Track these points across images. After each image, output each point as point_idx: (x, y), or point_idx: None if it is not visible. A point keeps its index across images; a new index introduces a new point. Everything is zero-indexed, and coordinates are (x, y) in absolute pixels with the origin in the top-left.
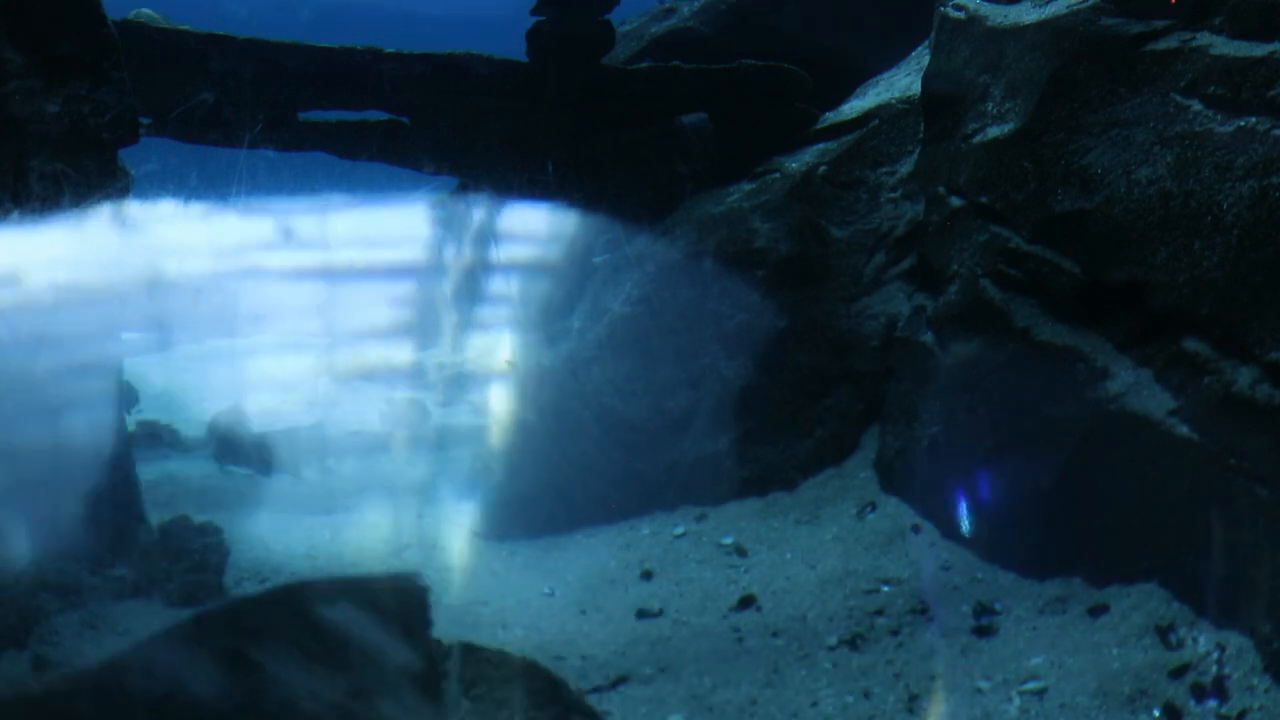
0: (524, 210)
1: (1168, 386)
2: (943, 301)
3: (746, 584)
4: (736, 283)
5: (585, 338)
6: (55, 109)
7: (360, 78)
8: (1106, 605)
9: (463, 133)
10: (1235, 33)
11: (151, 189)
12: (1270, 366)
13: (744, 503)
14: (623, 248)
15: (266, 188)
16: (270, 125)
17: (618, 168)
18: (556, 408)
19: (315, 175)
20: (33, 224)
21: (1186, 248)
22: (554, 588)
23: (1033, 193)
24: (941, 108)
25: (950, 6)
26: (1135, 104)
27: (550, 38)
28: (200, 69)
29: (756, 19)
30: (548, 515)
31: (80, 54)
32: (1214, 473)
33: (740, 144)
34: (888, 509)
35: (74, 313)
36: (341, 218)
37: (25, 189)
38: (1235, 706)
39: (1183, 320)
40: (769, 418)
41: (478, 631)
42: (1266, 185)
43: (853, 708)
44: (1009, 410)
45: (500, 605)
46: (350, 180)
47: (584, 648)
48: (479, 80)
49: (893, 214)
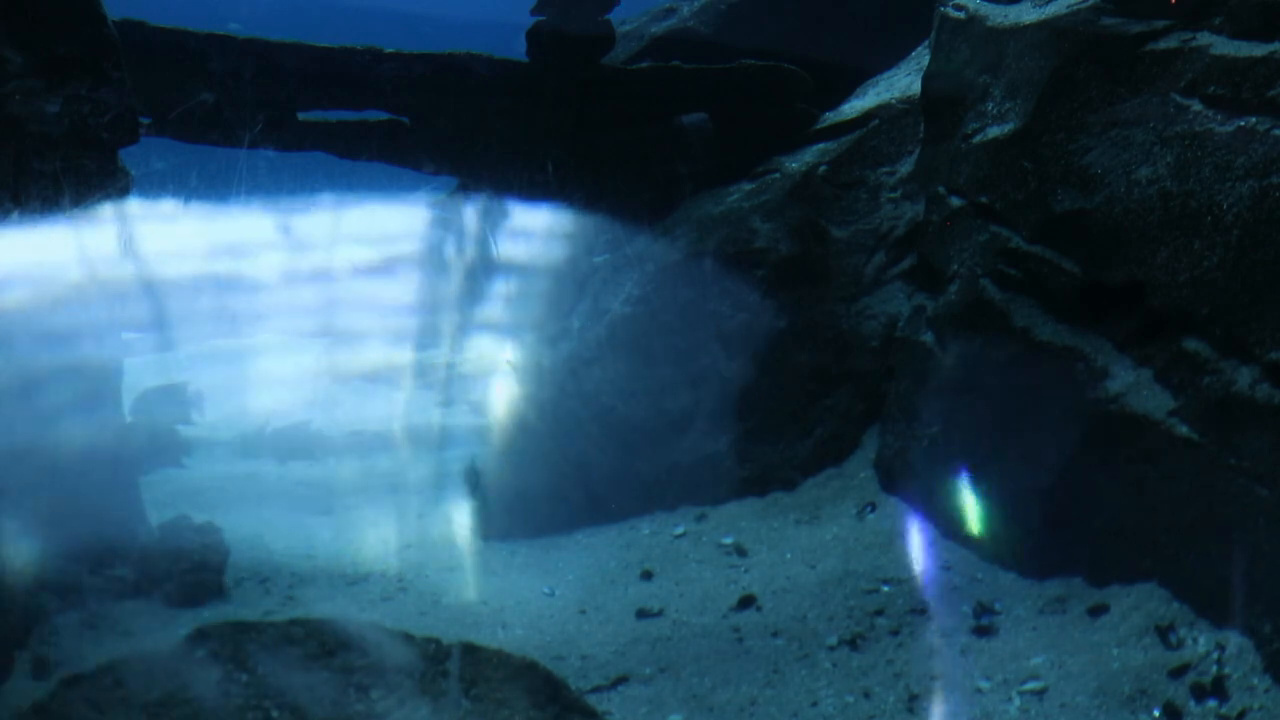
0: (524, 210)
1: (1168, 386)
2: (943, 301)
3: (746, 584)
4: (736, 283)
5: (585, 338)
6: (55, 109)
7: (360, 78)
8: (1106, 605)
9: (463, 133)
10: (1235, 33)
11: (152, 189)
12: (1270, 366)
13: (744, 503)
14: (623, 248)
15: (266, 188)
16: (270, 125)
17: (618, 168)
18: (556, 408)
19: (315, 175)
20: (33, 224)
21: (1186, 248)
22: (554, 588)
23: (1033, 193)
24: (941, 108)
25: (950, 6)
26: (1135, 104)
27: (550, 37)
28: (200, 69)
29: (756, 19)
30: (548, 515)
31: (80, 54)
32: (1214, 473)
33: (740, 144)
34: (888, 509)
35: (74, 313)
36: (341, 218)
37: (25, 189)
38: (1235, 706)
39: (1183, 320)
40: (769, 418)
41: (478, 631)
42: (1266, 185)
43: (853, 708)
44: (1009, 410)
45: (500, 605)
46: (350, 180)
47: (584, 647)
48: (479, 80)
49: (893, 214)
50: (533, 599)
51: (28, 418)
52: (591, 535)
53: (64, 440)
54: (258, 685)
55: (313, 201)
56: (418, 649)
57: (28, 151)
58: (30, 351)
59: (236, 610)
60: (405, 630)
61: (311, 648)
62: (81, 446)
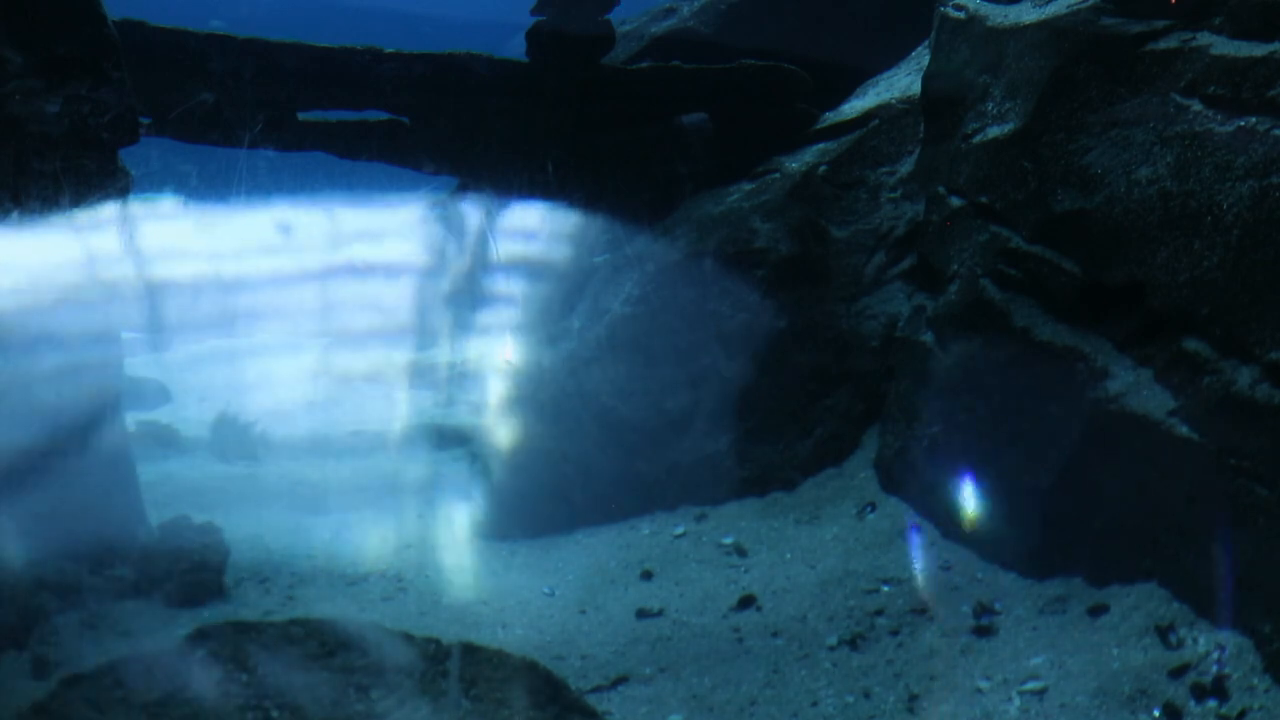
0: (524, 210)
1: (1168, 386)
2: (943, 301)
3: (746, 584)
4: (736, 283)
5: (585, 338)
6: (55, 109)
7: (360, 78)
8: (1106, 605)
9: (463, 133)
10: (1235, 33)
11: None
12: (1270, 366)
13: (744, 503)
14: (623, 248)
15: (266, 188)
16: (270, 125)
17: (618, 168)
18: (556, 408)
19: (315, 175)
20: (33, 224)
21: (1186, 248)
22: (554, 587)
23: (1033, 193)
24: (941, 108)
25: (950, 6)
26: (1135, 104)
27: (550, 37)
28: (200, 69)
29: (756, 19)
30: (548, 515)
31: (80, 54)
32: (1214, 473)
33: (740, 144)
34: (888, 509)
35: (74, 312)
36: (341, 218)
37: (25, 189)
38: (1235, 706)
39: (1183, 320)
40: (769, 418)
41: (478, 631)
42: (1266, 185)
43: (853, 708)
44: (1009, 410)
45: (500, 605)
46: (350, 180)
47: (584, 647)
48: (479, 80)
49: (893, 214)
50: (533, 599)
51: (28, 417)
52: (591, 535)
53: (64, 440)
54: (258, 685)
55: (313, 201)
56: (418, 649)
57: (28, 151)
58: (30, 351)
59: (236, 610)
60: (405, 630)
61: (311, 648)
62: (81, 446)
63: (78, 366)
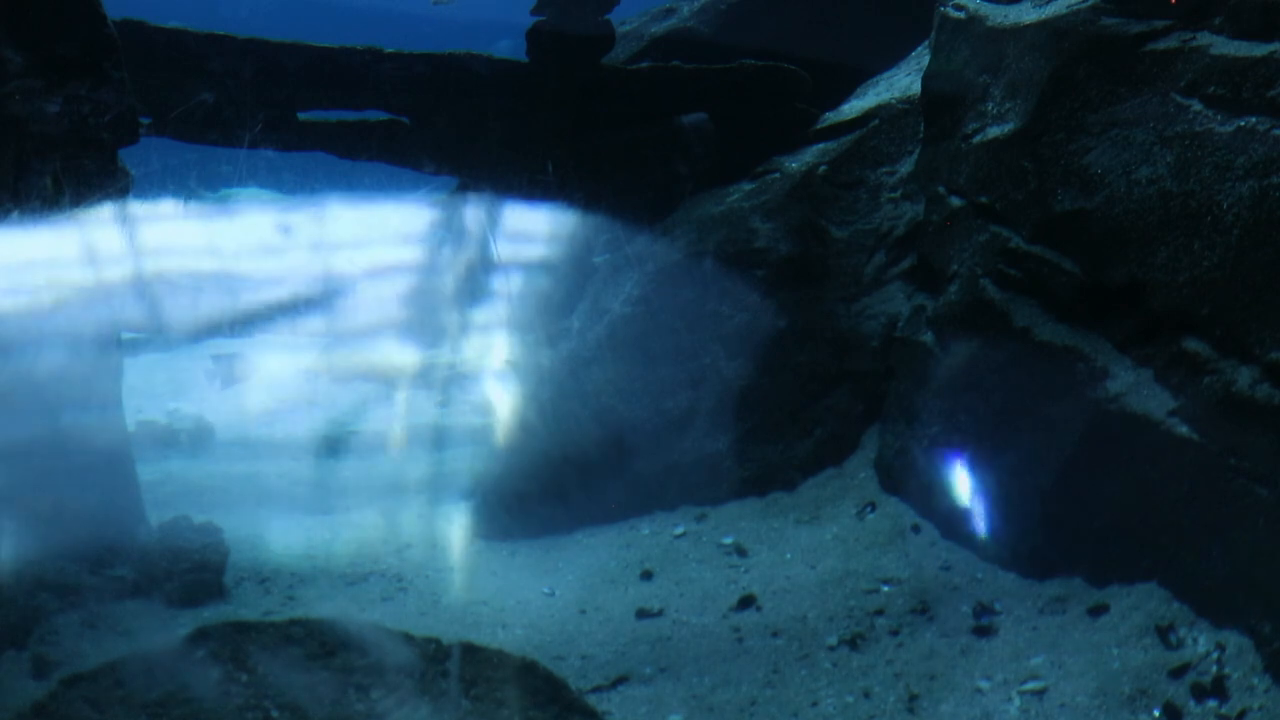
0: (524, 210)
1: (1168, 386)
2: (943, 301)
3: (746, 584)
4: (736, 283)
5: (585, 338)
6: (55, 109)
7: (360, 78)
8: (1106, 605)
9: (463, 133)
10: (1235, 33)
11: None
12: (1270, 366)
13: (744, 503)
14: (623, 248)
15: (266, 188)
16: (270, 125)
17: (618, 168)
18: (556, 408)
19: (315, 175)
20: (33, 224)
21: (1186, 248)
22: (554, 588)
23: (1033, 193)
24: (941, 108)
25: (950, 6)
26: (1135, 104)
27: (550, 38)
28: (200, 69)
29: (756, 19)
30: (548, 515)
31: (80, 54)
32: (1214, 473)
33: (740, 144)
34: (888, 509)
35: (74, 312)
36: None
37: (25, 189)
38: (1235, 706)
39: (1183, 320)
40: (769, 418)
41: (478, 631)
42: (1266, 185)
43: (853, 708)
44: (1009, 410)
45: (500, 605)
46: (350, 180)
47: (584, 647)
48: (479, 80)
49: (893, 214)
50: (533, 599)
51: (28, 417)
52: (591, 535)
53: (64, 440)
54: (258, 685)
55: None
56: (418, 649)
57: (28, 151)
58: (30, 351)
59: (236, 610)
60: (405, 630)
61: (311, 648)
62: (81, 446)
63: (78, 366)
